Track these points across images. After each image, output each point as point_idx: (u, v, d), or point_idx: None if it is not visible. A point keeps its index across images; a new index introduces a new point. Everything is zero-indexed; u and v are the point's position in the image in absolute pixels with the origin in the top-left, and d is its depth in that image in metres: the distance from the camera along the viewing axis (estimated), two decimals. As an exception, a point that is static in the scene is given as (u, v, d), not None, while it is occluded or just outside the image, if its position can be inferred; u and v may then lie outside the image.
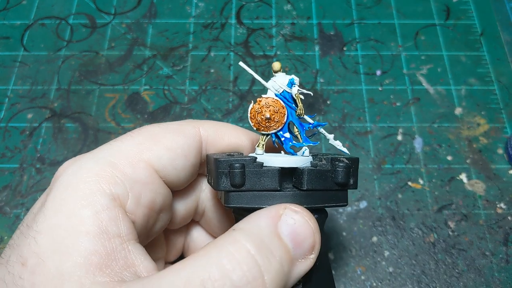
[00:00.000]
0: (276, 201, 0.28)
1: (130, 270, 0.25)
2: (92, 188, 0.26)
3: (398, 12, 0.60)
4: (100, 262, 0.24)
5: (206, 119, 0.51)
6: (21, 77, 0.55)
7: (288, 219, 0.26)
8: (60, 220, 0.25)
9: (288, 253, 0.26)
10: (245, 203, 0.28)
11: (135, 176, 0.28)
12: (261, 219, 0.26)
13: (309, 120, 0.31)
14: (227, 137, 0.33)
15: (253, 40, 0.58)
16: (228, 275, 0.23)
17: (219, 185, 0.27)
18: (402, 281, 0.43)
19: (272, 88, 0.30)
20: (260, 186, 0.27)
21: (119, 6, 0.61)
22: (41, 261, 0.24)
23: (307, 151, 0.31)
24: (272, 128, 0.30)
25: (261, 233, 0.25)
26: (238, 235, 0.25)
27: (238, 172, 0.27)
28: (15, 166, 0.49)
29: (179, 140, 0.31)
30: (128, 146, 0.29)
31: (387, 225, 0.46)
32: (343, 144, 0.33)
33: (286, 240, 0.26)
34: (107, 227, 0.25)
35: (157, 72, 0.55)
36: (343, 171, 0.28)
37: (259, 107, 0.30)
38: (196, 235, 0.38)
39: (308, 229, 0.27)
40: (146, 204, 0.29)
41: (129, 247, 0.26)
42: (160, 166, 0.30)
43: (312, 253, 0.27)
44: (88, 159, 0.28)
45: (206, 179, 0.35)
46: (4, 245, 0.44)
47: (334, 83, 0.55)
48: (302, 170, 0.28)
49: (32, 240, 0.25)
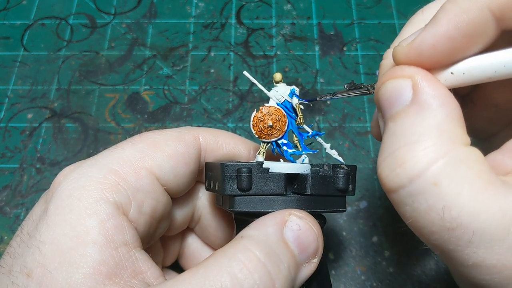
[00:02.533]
0: (281, 205, 0.28)
1: (139, 277, 0.25)
2: (95, 197, 0.26)
3: (398, 12, 0.60)
4: (109, 272, 0.24)
5: (206, 119, 0.52)
6: (21, 77, 0.55)
7: (293, 225, 0.27)
8: (65, 230, 0.25)
9: (294, 259, 0.26)
10: (251, 207, 0.28)
11: (137, 184, 0.28)
12: (268, 225, 0.27)
13: (308, 129, 0.33)
14: (225, 147, 0.34)
15: (253, 40, 0.58)
16: (240, 284, 0.23)
17: (226, 189, 0.28)
18: (402, 281, 0.43)
19: (274, 98, 0.31)
20: (266, 190, 0.28)
21: (119, 6, 0.61)
22: (47, 272, 0.23)
23: (306, 159, 0.32)
24: (274, 136, 0.31)
25: (269, 240, 0.26)
26: (247, 243, 0.25)
27: (246, 177, 0.27)
28: (15, 166, 0.49)
29: (180, 148, 0.31)
30: (130, 153, 0.29)
31: (387, 225, 0.46)
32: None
33: (292, 246, 0.27)
34: (113, 235, 0.25)
35: (157, 72, 0.55)
36: (344, 177, 0.29)
37: (261, 115, 0.31)
38: (190, 241, 0.38)
39: (312, 235, 0.28)
40: (148, 212, 0.29)
41: (136, 255, 0.26)
42: (162, 174, 0.30)
43: (316, 257, 0.28)
44: (89, 166, 0.28)
45: (202, 187, 0.36)
46: (4, 245, 0.44)
47: (334, 83, 0.55)
48: (305, 175, 0.29)
49: (36, 250, 0.24)
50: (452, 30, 0.23)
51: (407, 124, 0.23)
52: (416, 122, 0.22)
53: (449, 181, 0.21)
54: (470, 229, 0.21)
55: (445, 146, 0.22)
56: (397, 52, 0.25)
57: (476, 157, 0.22)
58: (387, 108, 0.24)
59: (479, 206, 0.21)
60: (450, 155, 0.21)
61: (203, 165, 0.33)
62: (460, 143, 0.22)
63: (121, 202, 0.27)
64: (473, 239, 0.21)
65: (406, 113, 0.23)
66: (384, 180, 0.23)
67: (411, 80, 0.23)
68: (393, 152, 0.23)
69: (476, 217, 0.20)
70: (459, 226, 0.21)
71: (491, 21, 0.23)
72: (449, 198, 0.21)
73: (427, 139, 0.22)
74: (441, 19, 0.23)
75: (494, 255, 0.20)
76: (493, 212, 0.20)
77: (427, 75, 0.24)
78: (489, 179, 0.21)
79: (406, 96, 0.23)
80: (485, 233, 0.20)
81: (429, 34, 0.23)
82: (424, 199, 0.22)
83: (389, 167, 0.23)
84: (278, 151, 0.32)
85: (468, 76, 0.24)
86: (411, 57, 0.24)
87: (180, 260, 0.39)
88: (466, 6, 0.23)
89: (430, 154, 0.22)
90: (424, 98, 0.23)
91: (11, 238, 0.27)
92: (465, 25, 0.23)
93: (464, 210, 0.21)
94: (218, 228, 0.36)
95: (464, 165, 0.21)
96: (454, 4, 0.23)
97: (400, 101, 0.23)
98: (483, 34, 0.23)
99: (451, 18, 0.23)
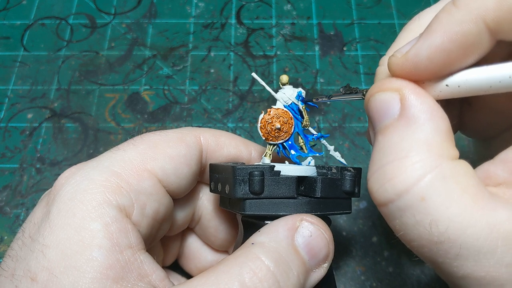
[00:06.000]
0: (292, 208, 0.29)
1: (145, 280, 0.25)
2: (99, 200, 0.26)
3: (398, 12, 0.60)
4: (116, 276, 0.24)
5: (206, 119, 0.52)
6: (21, 77, 0.55)
7: (304, 231, 0.27)
8: (69, 234, 0.25)
9: (304, 265, 0.27)
10: (262, 210, 0.28)
11: (139, 186, 0.28)
12: (279, 231, 0.27)
13: (313, 131, 0.33)
14: (226, 148, 0.34)
15: (253, 40, 0.58)
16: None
17: (237, 192, 0.28)
18: (402, 281, 0.43)
19: (282, 100, 0.32)
20: (278, 193, 0.28)
21: (119, 6, 0.61)
22: (53, 276, 0.23)
23: (312, 161, 0.32)
24: (280, 138, 0.31)
25: (280, 247, 0.26)
26: (258, 251, 0.25)
27: (258, 180, 0.27)
28: (15, 166, 0.49)
29: (182, 149, 0.31)
30: (132, 155, 0.29)
31: (387, 225, 0.46)
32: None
33: (303, 252, 0.27)
34: (118, 239, 0.25)
35: (157, 72, 0.55)
36: (351, 180, 0.30)
37: (269, 118, 0.31)
38: (190, 241, 0.38)
39: (323, 241, 0.28)
40: (150, 214, 0.29)
41: (140, 258, 0.26)
42: (164, 176, 0.30)
43: (326, 262, 0.28)
44: (91, 168, 0.28)
45: (203, 187, 0.36)
46: (4, 245, 0.44)
47: (334, 83, 0.55)
48: (315, 178, 0.29)
49: (39, 253, 0.24)
50: (447, 42, 0.23)
51: (395, 139, 0.23)
52: (404, 137, 0.23)
53: (436, 196, 0.21)
54: (458, 243, 0.21)
55: (432, 161, 0.22)
56: (392, 63, 0.25)
57: (464, 171, 0.22)
58: (376, 120, 0.25)
59: (466, 220, 0.21)
60: (437, 170, 0.22)
61: (205, 165, 0.33)
62: (448, 157, 0.22)
63: (124, 205, 0.27)
64: (461, 253, 0.21)
65: (394, 127, 0.23)
66: (373, 194, 0.24)
67: (399, 94, 0.24)
68: (382, 167, 0.23)
69: (463, 231, 0.21)
70: (447, 240, 0.21)
71: (486, 32, 0.23)
72: (436, 213, 0.21)
73: (414, 155, 0.22)
74: (435, 31, 0.23)
75: (483, 268, 0.21)
76: (481, 226, 0.21)
77: (415, 88, 0.24)
78: (477, 193, 0.21)
79: (394, 110, 0.23)
80: (473, 246, 0.21)
81: (424, 46, 0.23)
82: (412, 214, 0.22)
83: (378, 182, 0.23)
84: (283, 153, 0.32)
85: (463, 89, 0.24)
86: (405, 69, 0.24)
87: (180, 259, 0.39)
88: (461, 17, 0.23)
89: (418, 170, 0.22)
90: (412, 112, 0.23)
91: (11, 239, 0.27)
92: (460, 37, 0.23)
93: (451, 225, 0.21)
94: (218, 228, 0.36)
95: (452, 180, 0.22)
96: (448, 15, 0.23)
97: (388, 114, 0.24)
98: (479, 46, 0.23)
99: (446, 30, 0.23)
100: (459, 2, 0.23)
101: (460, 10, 0.23)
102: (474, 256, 0.21)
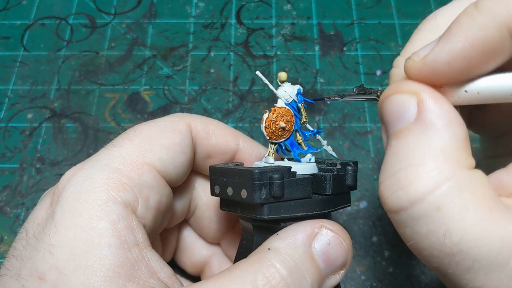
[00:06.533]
0: (308, 208, 0.28)
1: (154, 277, 0.25)
2: (103, 198, 0.26)
3: (398, 12, 0.60)
4: (127, 274, 0.24)
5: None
6: (21, 77, 0.55)
7: (323, 239, 0.27)
8: (77, 233, 0.24)
9: (319, 273, 0.27)
10: (281, 213, 0.28)
11: (141, 180, 0.28)
12: (297, 238, 0.27)
13: (309, 127, 0.33)
14: (214, 138, 0.34)
15: (253, 40, 0.58)
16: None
17: (255, 197, 0.27)
18: (402, 281, 0.43)
19: (283, 98, 0.31)
20: (296, 195, 0.28)
21: (119, 6, 0.61)
22: (63, 275, 0.23)
23: (313, 157, 0.32)
24: (283, 137, 0.31)
25: (296, 255, 0.26)
26: (273, 258, 0.25)
27: (279, 183, 0.27)
28: (15, 166, 0.49)
29: (176, 138, 0.31)
30: (129, 150, 0.29)
31: (387, 225, 0.46)
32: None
33: (319, 260, 0.27)
34: (125, 236, 0.25)
35: (157, 72, 0.55)
36: (353, 174, 0.30)
37: (274, 117, 0.31)
38: (185, 234, 0.39)
39: (342, 249, 0.28)
40: (154, 206, 0.29)
41: (147, 255, 0.26)
42: (162, 167, 0.30)
43: (343, 269, 0.28)
44: (91, 167, 0.28)
45: (197, 177, 0.36)
46: (4, 245, 0.44)
47: (334, 83, 0.55)
48: (323, 176, 0.29)
49: (46, 253, 0.24)
50: (468, 48, 0.22)
51: (410, 144, 0.22)
52: (420, 143, 0.22)
53: (452, 206, 0.21)
54: (471, 256, 0.20)
55: (449, 170, 0.21)
56: (409, 67, 0.24)
57: (481, 181, 0.22)
58: (391, 123, 0.24)
59: (480, 233, 0.20)
60: (454, 180, 0.21)
61: (195, 151, 0.33)
62: (465, 167, 0.22)
63: (129, 200, 0.27)
64: (473, 265, 0.20)
65: (410, 132, 0.23)
66: (385, 200, 0.23)
67: (417, 97, 0.23)
68: (395, 173, 0.22)
69: (477, 243, 0.20)
70: (460, 252, 0.21)
71: (509, 39, 0.22)
72: (451, 223, 0.21)
73: (431, 162, 0.21)
74: (456, 35, 0.22)
75: (493, 281, 0.20)
76: (494, 239, 0.20)
77: (434, 93, 0.23)
78: (492, 205, 0.21)
79: (410, 113, 0.23)
80: (485, 259, 0.20)
81: (443, 51, 0.22)
82: (425, 223, 0.21)
83: (391, 188, 0.22)
84: (282, 152, 0.32)
85: (483, 96, 0.23)
86: (424, 74, 0.23)
87: (175, 254, 0.39)
88: (483, 23, 0.22)
89: (434, 178, 0.21)
90: (430, 117, 0.22)
91: (12, 239, 0.27)
92: (482, 43, 0.22)
93: (465, 237, 0.20)
94: (212, 219, 0.37)
95: (468, 190, 0.21)
96: (470, 19, 0.22)
97: (404, 118, 0.23)
98: (500, 52, 0.22)
99: (468, 35, 0.22)
100: (482, 6, 0.22)
101: (482, 15, 0.22)
102: (486, 269, 0.20)
